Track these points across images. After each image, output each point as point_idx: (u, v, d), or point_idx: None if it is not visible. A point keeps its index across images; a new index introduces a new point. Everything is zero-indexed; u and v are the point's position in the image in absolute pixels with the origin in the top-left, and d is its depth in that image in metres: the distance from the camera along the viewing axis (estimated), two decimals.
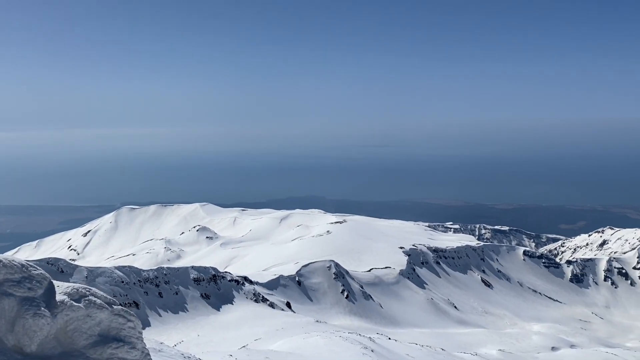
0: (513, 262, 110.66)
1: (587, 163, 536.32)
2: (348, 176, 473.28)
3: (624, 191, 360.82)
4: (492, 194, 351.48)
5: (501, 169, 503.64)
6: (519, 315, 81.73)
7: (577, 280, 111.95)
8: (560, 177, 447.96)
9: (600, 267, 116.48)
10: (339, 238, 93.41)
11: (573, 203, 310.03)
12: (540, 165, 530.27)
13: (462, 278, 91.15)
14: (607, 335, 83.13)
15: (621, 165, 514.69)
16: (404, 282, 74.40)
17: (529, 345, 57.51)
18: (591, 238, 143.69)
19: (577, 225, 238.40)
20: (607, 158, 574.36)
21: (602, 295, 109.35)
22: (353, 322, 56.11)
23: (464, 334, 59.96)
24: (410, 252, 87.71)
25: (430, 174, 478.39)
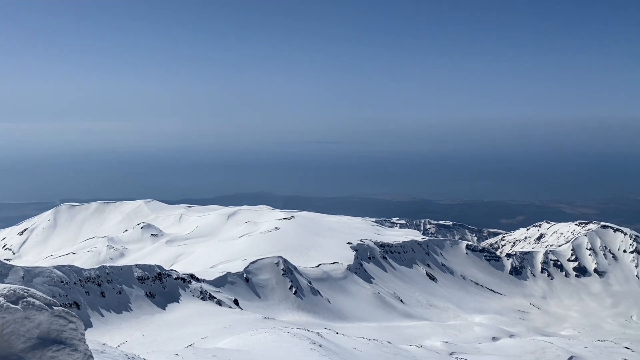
0: (456, 255, 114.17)
1: (526, 160, 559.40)
2: (297, 172, 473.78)
3: (560, 187, 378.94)
4: (437, 190, 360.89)
5: (446, 166, 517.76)
6: (462, 307, 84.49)
7: (516, 272, 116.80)
8: (501, 173, 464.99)
9: (537, 259, 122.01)
10: (287, 234, 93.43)
11: (513, 198, 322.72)
12: (483, 162, 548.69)
13: (407, 272, 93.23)
14: (544, 324, 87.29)
15: (557, 162, 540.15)
16: (352, 277, 75.36)
17: (471, 336, 59.60)
18: (529, 232, 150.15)
19: (516, 219, 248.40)
20: (545, 155, 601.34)
21: (539, 286, 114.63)
22: (301, 317, 56.36)
23: (410, 327, 61.44)
24: (357, 248, 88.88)
25: (379, 171, 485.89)
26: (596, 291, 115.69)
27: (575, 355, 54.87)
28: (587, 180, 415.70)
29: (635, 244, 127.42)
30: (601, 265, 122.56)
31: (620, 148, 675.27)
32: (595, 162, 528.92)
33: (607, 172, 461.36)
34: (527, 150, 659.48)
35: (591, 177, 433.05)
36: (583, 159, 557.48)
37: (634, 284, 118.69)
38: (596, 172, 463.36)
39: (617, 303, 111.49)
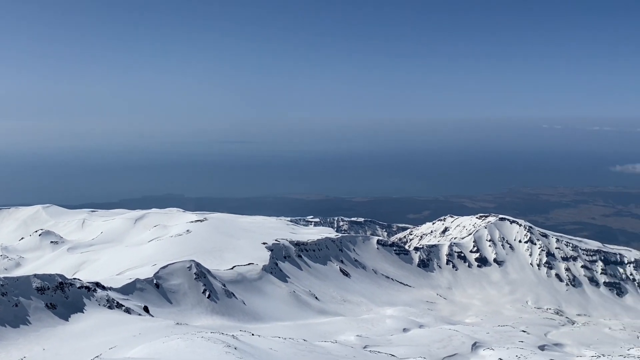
0: (368, 251, 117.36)
1: (431, 158, 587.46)
2: (209, 173, 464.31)
3: (462, 183, 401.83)
4: (349, 188, 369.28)
5: (357, 164, 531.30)
6: (374, 301, 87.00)
7: (423, 265, 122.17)
8: (409, 171, 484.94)
9: (443, 252, 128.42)
10: (200, 237, 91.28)
11: (419, 195, 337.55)
12: (391, 160, 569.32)
13: (322, 269, 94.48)
14: (450, 313, 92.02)
15: (459, 160, 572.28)
16: (267, 277, 75.09)
17: (383, 329, 61.57)
18: (435, 226, 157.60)
19: (423, 214, 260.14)
20: (447, 154, 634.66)
21: (445, 277, 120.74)
22: (216, 321, 55.29)
23: (325, 323, 62.32)
24: (272, 247, 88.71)
25: (292, 170, 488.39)
26: (496, 280, 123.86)
27: (478, 341, 58.40)
28: (486, 176, 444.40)
29: (529, 234, 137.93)
30: (500, 255, 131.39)
31: (513, 146, 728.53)
32: (492, 159, 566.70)
33: (503, 168, 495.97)
34: (431, 149, 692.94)
35: (489, 173, 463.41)
36: (481, 157, 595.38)
37: (528, 271, 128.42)
38: (493, 168, 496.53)
39: (515, 290, 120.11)
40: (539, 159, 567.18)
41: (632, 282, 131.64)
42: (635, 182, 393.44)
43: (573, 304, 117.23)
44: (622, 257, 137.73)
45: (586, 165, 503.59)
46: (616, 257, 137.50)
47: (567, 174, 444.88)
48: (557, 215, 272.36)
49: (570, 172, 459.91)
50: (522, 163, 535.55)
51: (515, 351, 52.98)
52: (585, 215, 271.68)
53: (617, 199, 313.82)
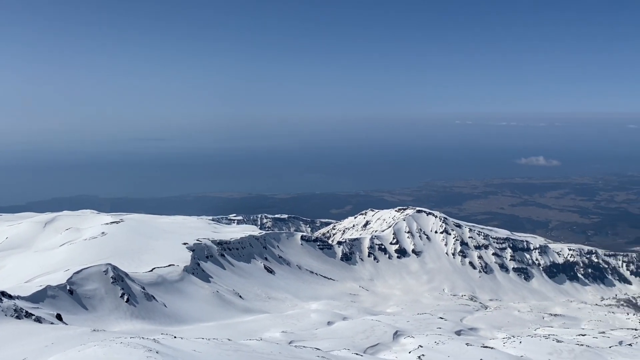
0: (292, 247, 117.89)
1: (351, 154, 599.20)
2: (124, 172, 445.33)
3: (381, 178, 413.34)
4: (272, 185, 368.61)
5: (279, 161, 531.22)
6: (299, 296, 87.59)
7: (346, 258, 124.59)
8: (330, 167, 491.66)
9: (364, 245, 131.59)
10: (116, 239, 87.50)
11: (341, 190, 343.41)
12: (313, 156, 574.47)
13: (246, 267, 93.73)
14: (372, 304, 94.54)
15: (377, 155, 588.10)
16: (189, 278, 73.37)
17: (308, 323, 62.14)
18: (357, 220, 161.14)
19: (345, 209, 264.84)
20: (366, 149, 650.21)
21: (367, 269, 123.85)
22: (136, 326, 53.31)
23: (250, 322, 61.92)
24: (194, 247, 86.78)
25: (212, 168, 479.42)
26: (415, 270, 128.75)
27: (399, 330, 60.42)
28: (404, 170, 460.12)
29: (445, 225, 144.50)
30: (418, 246, 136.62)
31: (428, 141, 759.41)
32: (409, 155, 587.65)
33: (419, 163, 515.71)
34: (351, 145, 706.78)
35: (406, 168, 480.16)
36: (399, 152, 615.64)
37: (444, 260, 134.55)
38: (410, 163, 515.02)
39: (432, 279, 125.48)
40: (453, 154, 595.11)
41: (537, 266, 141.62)
42: (538, 173, 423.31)
43: (486, 290, 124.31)
44: (529, 244, 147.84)
45: (495, 159, 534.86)
46: (523, 244, 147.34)
47: (478, 167, 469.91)
48: (470, 206, 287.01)
49: (480, 165, 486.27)
50: (437, 157, 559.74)
51: (433, 337, 55.33)
52: (495, 206, 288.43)
53: (523, 189, 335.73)
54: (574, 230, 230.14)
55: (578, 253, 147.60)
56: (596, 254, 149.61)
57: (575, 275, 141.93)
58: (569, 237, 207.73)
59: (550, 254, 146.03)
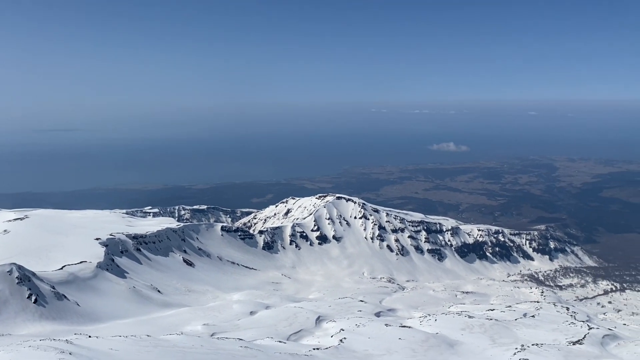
0: (212, 238, 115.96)
1: (271, 142, 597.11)
2: (26, 165, 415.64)
3: (301, 165, 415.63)
4: (189, 175, 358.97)
5: (196, 150, 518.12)
6: (221, 287, 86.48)
7: (268, 247, 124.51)
8: (250, 155, 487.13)
9: (286, 233, 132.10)
10: (21, 237, 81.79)
11: (261, 179, 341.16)
12: (231, 145, 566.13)
13: (164, 261, 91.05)
14: (295, 291, 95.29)
15: (296, 143, 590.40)
16: (103, 275, 70.13)
17: (231, 315, 61.59)
18: (278, 208, 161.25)
19: (266, 198, 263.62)
20: (285, 137, 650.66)
21: (289, 257, 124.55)
22: (46, 327, 50.25)
23: (170, 316, 60.35)
24: (107, 243, 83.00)
25: (124, 159, 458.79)
26: (335, 255, 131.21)
27: (321, 315, 61.44)
28: (323, 158, 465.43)
29: (363, 210, 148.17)
30: (338, 232, 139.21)
31: (346, 129, 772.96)
32: (327, 142, 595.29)
33: (338, 150, 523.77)
34: (270, 133, 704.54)
35: (326, 155, 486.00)
36: (317, 140, 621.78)
37: (363, 245, 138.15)
38: (329, 150, 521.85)
39: (352, 263, 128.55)
40: (370, 141, 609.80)
41: (450, 247, 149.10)
42: (448, 158, 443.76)
43: (403, 272, 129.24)
44: (441, 226, 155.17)
45: (409, 145, 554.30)
46: (436, 226, 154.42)
47: (393, 153, 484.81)
48: (386, 192, 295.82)
49: (396, 151, 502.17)
50: (354, 145, 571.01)
51: (354, 320, 56.81)
52: (410, 190, 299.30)
53: (435, 174, 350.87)
54: (483, 211, 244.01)
55: (486, 233, 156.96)
56: (502, 234, 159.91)
57: (484, 254, 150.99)
58: (478, 219, 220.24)
59: (461, 235, 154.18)
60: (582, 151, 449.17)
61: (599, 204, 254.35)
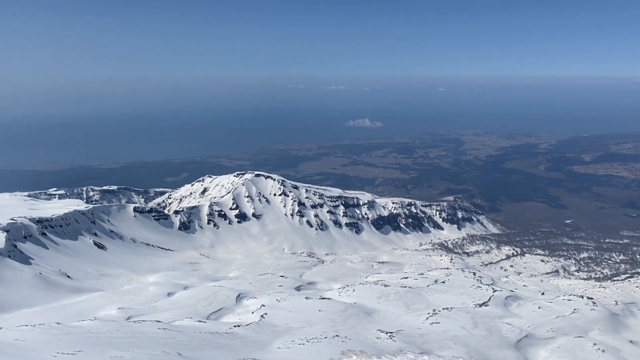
0: (125, 220, 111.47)
1: (182, 119, 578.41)
2: None
3: (217, 143, 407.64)
4: (96, 155, 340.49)
5: (103, 128, 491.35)
6: (135, 270, 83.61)
7: (185, 227, 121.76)
8: (162, 133, 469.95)
9: (203, 212, 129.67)
10: None
11: (175, 157, 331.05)
12: (140, 122, 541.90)
13: (73, 245, 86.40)
14: (214, 270, 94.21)
15: (211, 119, 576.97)
16: (5, 262, 65.40)
17: (147, 297, 59.89)
18: (194, 187, 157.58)
19: (181, 177, 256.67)
20: (199, 113, 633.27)
21: (207, 237, 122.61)
22: None
23: (82, 302, 57.67)
24: (8, 228, 77.23)
25: (25, 138, 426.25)
26: (255, 233, 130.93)
27: (242, 292, 61.34)
28: (240, 134, 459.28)
29: (283, 187, 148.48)
30: (257, 209, 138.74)
31: (263, 105, 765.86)
32: (244, 119, 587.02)
33: (256, 127, 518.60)
34: (182, 109, 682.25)
35: (243, 132, 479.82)
36: (234, 116, 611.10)
37: (283, 222, 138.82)
38: (246, 127, 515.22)
39: (272, 240, 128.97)
40: (287, 117, 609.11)
41: (366, 220, 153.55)
42: (364, 134, 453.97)
43: (322, 246, 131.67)
44: (358, 200, 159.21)
45: (326, 122, 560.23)
46: (354, 200, 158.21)
47: (311, 130, 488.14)
48: (305, 168, 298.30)
49: (314, 128, 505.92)
50: (272, 121, 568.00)
51: (275, 296, 57.28)
52: (328, 166, 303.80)
53: (352, 150, 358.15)
54: (396, 185, 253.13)
55: (400, 205, 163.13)
56: (415, 206, 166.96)
57: (399, 226, 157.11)
58: (392, 192, 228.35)
59: (377, 208, 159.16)
60: (487, 126, 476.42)
61: (501, 175, 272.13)
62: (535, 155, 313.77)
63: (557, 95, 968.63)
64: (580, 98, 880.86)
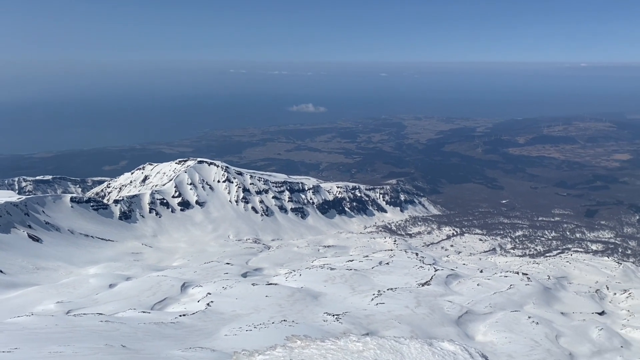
0: (61, 211, 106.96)
1: (119, 105, 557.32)
2: None
3: (157, 129, 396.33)
4: (27, 143, 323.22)
5: (32, 115, 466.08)
6: (74, 262, 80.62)
7: (125, 217, 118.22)
8: (98, 119, 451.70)
9: (145, 201, 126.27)
10: None
11: (113, 144, 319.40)
12: (73, 108, 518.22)
13: (5, 238, 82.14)
14: (157, 260, 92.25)
15: (150, 105, 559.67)
16: None
17: (88, 290, 57.97)
18: (134, 175, 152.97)
19: (120, 165, 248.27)
20: (137, 99, 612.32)
21: (149, 226, 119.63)
22: None
23: (16, 297, 55.07)
24: None
25: None
26: (199, 220, 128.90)
27: (187, 281, 60.47)
28: (181, 120, 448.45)
29: (227, 174, 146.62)
30: (201, 197, 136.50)
31: (205, 90, 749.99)
32: (185, 104, 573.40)
33: (197, 112, 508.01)
34: (118, 94, 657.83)
35: (184, 118, 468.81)
36: (174, 102, 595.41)
37: (228, 208, 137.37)
38: (187, 113, 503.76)
39: (217, 227, 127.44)
40: (230, 102, 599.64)
41: (312, 205, 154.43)
42: (308, 119, 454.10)
43: (268, 232, 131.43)
44: (303, 185, 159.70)
45: (270, 107, 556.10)
46: (299, 185, 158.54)
47: (254, 115, 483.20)
48: (249, 154, 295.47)
49: (257, 113, 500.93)
50: (214, 107, 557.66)
51: (221, 283, 56.83)
52: (272, 152, 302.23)
53: (296, 135, 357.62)
54: (341, 169, 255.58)
55: (345, 190, 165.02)
56: (359, 189, 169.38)
57: (343, 209, 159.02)
58: (337, 176, 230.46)
59: (322, 193, 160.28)
60: (427, 110, 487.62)
61: (441, 158, 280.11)
62: (473, 139, 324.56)
63: (493, 80, 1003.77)
64: (515, 83, 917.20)
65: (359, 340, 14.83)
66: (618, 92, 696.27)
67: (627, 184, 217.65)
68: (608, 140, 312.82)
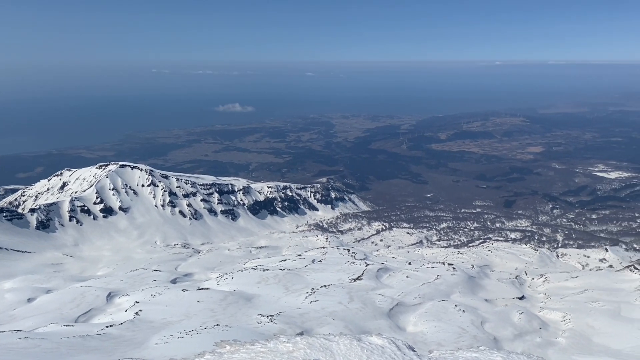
0: None
1: (32, 109, 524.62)
2: None
3: (75, 133, 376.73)
4: None
5: None
6: None
7: (43, 226, 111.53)
8: (8, 124, 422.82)
9: (64, 208, 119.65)
10: None
11: (27, 150, 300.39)
12: None
13: None
14: (80, 270, 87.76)
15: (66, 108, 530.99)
16: None
17: (3, 305, 54.28)
18: (51, 182, 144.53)
19: (35, 172, 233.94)
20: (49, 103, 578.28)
21: (70, 235, 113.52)
22: None
23: None
24: None
25: None
26: (123, 227, 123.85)
27: (113, 291, 57.99)
28: (100, 123, 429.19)
29: (151, 177, 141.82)
30: (125, 202, 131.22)
31: (123, 91, 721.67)
32: (102, 107, 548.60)
33: (116, 115, 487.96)
34: (31, 97, 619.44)
35: (102, 121, 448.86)
36: (90, 104, 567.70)
37: (154, 213, 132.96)
38: (106, 115, 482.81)
39: (143, 233, 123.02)
40: (152, 103, 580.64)
41: (242, 206, 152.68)
42: (236, 119, 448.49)
43: (197, 235, 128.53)
44: (233, 187, 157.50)
45: (195, 107, 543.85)
46: (228, 187, 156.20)
47: (179, 116, 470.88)
48: (175, 156, 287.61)
49: (181, 114, 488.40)
50: (136, 108, 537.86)
51: (150, 291, 54.97)
52: (199, 153, 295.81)
53: (224, 135, 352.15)
54: (271, 169, 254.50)
55: (275, 189, 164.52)
56: (290, 189, 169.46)
57: (275, 209, 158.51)
58: (267, 176, 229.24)
59: (252, 194, 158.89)
60: (354, 109, 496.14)
61: (369, 156, 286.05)
62: (398, 136, 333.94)
63: (415, 78, 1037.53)
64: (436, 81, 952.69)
65: (289, 341, 14.88)
66: (530, 88, 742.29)
67: (541, 175, 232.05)
68: (522, 134, 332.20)
